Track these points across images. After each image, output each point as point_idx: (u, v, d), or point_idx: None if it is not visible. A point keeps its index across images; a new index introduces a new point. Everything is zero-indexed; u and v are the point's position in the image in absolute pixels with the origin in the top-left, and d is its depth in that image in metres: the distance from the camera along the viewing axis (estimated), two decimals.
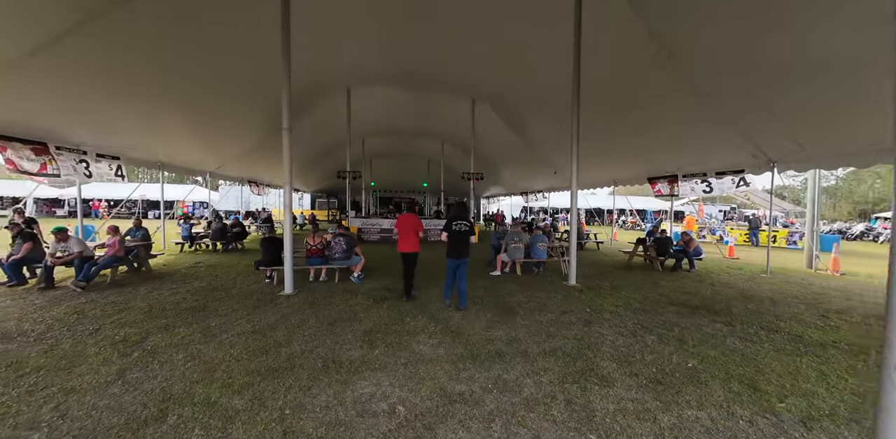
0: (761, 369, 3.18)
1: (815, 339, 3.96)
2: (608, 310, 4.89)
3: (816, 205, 9.42)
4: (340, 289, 5.64)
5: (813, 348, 3.70)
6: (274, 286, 5.75)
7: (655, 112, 8.04)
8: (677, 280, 7.16)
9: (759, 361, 3.35)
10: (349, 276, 6.19)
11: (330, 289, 5.63)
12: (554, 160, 14.21)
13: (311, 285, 5.89)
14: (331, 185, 26.15)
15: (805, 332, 4.19)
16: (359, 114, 13.52)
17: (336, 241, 6.01)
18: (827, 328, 4.37)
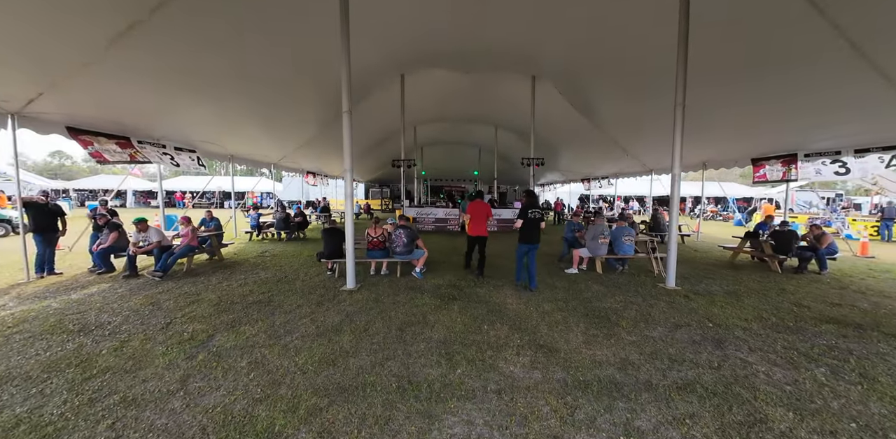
0: None
1: None
2: (736, 324, 3.85)
3: None
4: (404, 285, 5.19)
5: None
6: (335, 279, 5.48)
7: (782, 78, 6.39)
8: (808, 285, 5.72)
9: None
10: (411, 271, 5.74)
11: (393, 285, 5.21)
12: (623, 140, 12.62)
13: (372, 279, 5.53)
14: (383, 175, 26.39)
15: None
16: (411, 102, 13.01)
17: (397, 234, 5.56)
18: None
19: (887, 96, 5.76)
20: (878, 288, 5.64)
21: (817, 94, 6.48)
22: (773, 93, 6.97)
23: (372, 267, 5.87)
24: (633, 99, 9.57)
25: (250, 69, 6.75)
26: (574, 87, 10.77)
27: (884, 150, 6.78)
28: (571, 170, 18.49)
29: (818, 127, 7.42)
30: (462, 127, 18.60)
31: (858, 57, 5.29)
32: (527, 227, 4.99)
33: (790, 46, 5.70)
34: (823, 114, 6.98)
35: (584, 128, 12.87)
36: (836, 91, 6.14)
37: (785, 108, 7.24)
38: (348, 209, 5.04)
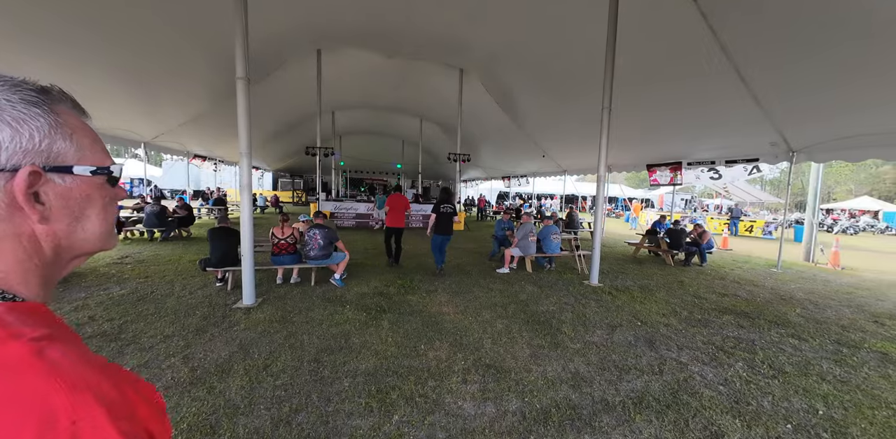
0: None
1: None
2: (659, 321, 4.01)
3: (818, 197, 9.20)
4: (320, 297, 4.32)
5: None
6: (228, 293, 4.32)
7: (677, 90, 7.19)
8: (697, 277, 6.53)
9: (887, 399, 2.58)
10: (329, 278, 4.87)
11: (306, 297, 4.30)
12: (542, 141, 13.29)
13: (278, 290, 4.51)
14: (295, 164, 23.72)
15: (886, 348, 3.55)
16: (330, 83, 11.64)
17: (312, 234, 4.63)
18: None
19: (753, 115, 6.84)
20: (747, 277, 6.71)
21: (703, 109, 7.45)
22: (669, 105, 7.85)
23: (279, 274, 4.82)
24: (555, 100, 9.96)
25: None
26: (500, 84, 10.80)
27: (747, 162, 8.16)
28: (494, 167, 18.98)
29: (700, 138, 8.63)
30: (385, 116, 17.59)
31: (739, 80, 6.13)
32: (439, 221, 5.68)
33: (687, 63, 6.38)
34: (706, 127, 8.09)
35: (508, 127, 13.15)
36: (718, 106, 7.09)
37: (678, 120, 8.23)
38: (245, 203, 3.94)
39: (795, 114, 6.52)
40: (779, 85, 5.98)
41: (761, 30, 5.07)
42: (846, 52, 4.83)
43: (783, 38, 5.06)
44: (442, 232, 5.66)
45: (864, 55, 4.72)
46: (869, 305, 5.15)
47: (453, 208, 5.72)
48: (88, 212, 0.40)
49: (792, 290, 5.83)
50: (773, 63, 5.58)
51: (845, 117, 6.06)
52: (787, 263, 8.40)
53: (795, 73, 5.57)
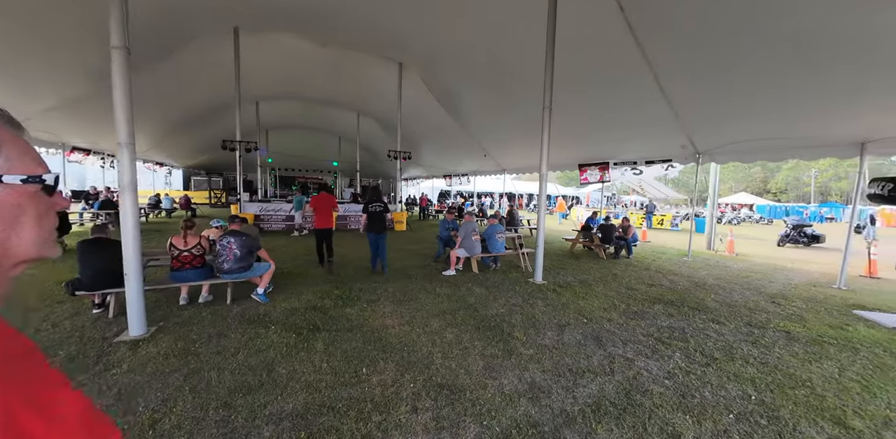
0: (816, 390, 2.65)
1: (804, 335, 3.78)
2: (602, 316, 4.10)
3: (716, 193, 10.57)
4: (238, 318, 3.64)
5: (814, 347, 3.43)
6: (109, 323, 3.42)
7: (611, 95, 7.66)
8: (626, 269, 7.00)
9: (801, 377, 2.85)
10: (251, 293, 4.16)
11: (219, 319, 3.58)
12: (484, 141, 13.45)
13: (183, 314, 3.70)
14: (212, 160, 21.06)
15: (788, 327, 4.03)
16: (252, 70, 10.39)
17: (225, 243, 3.89)
18: (795, 318, 4.34)
19: (669, 121, 7.54)
20: (666, 267, 7.37)
21: (629, 113, 8.04)
22: (599, 109, 8.36)
23: (182, 293, 3.97)
24: (495, 101, 10.04)
25: None
26: (440, 81, 10.60)
27: (662, 162, 9.02)
28: (435, 165, 18.81)
29: (625, 140, 9.34)
30: (319, 110, 16.35)
31: (658, 89, 6.67)
32: (371, 220, 5.68)
33: (616, 70, 6.80)
34: (630, 130, 8.76)
35: (450, 126, 13.02)
36: (641, 112, 7.69)
37: (607, 123, 8.81)
38: (128, 207, 3.10)
39: (701, 121, 7.32)
40: (689, 94, 6.64)
41: (678, 43, 5.53)
42: (743, 68, 5.49)
43: (695, 52, 5.58)
44: (375, 230, 5.66)
45: (758, 70, 5.38)
46: (764, 287, 5.93)
47: (383, 206, 5.78)
48: (22, 219, 0.42)
49: (703, 277, 6.50)
50: (685, 73, 6.15)
51: (739, 124, 6.93)
52: (695, 252, 9.49)
53: (703, 84, 6.21)
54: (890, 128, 5.44)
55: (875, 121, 5.46)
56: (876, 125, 5.52)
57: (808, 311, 4.65)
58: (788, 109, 6.03)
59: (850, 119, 5.69)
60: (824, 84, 5.15)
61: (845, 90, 5.10)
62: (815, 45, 4.58)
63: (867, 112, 5.39)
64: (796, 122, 6.24)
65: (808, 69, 5.02)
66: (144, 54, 7.66)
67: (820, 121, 6.02)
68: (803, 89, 5.44)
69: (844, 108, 5.52)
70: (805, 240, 12.39)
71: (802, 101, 5.71)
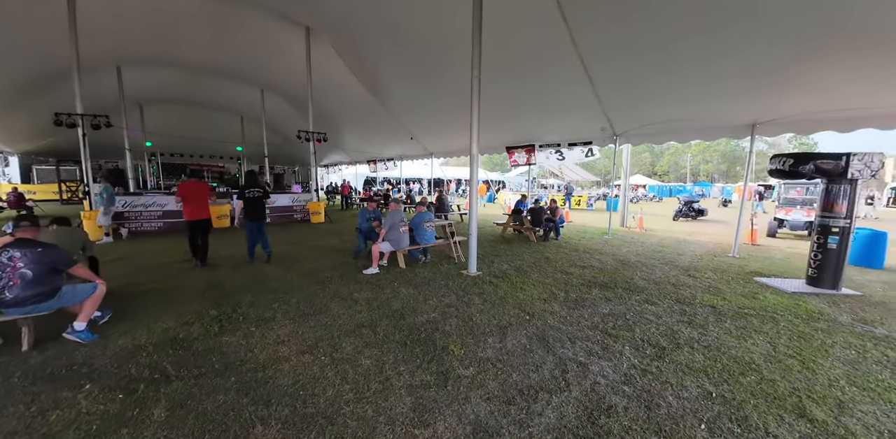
0: (764, 375, 2.51)
1: (729, 309, 3.84)
2: (543, 309, 3.69)
3: (627, 174, 11.28)
4: (31, 375, 2.33)
5: (740, 322, 3.47)
6: None
7: (539, 76, 7.33)
8: (558, 251, 6.91)
9: (744, 359, 2.73)
10: (65, 331, 2.79)
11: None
12: (410, 123, 12.50)
13: None
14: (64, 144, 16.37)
15: (711, 301, 4.09)
16: (99, 20, 7.87)
17: (4, 260, 2.47)
18: (713, 291, 4.49)
19: (591, 103, 7.51)
20: (591, 246, 7.49)
21: (554, 95, 7.85)
22: (526, 89, 8.02)
23: None
24: (420, 78, 9.14)
25: None
26: (356, 51, 9.27)
27: (584, 144, 9.17)
28: (358, 149, 17.28)
29: (549, 122, 9.27)
30: (210, 83, 13.51)
31: (582, 68, 6.48)
32: (249, 206, 5.41)
33: (544, 49, 6.42)
34: (555, 111, 8.65)
35: (372, 106, 11.76)
36: (566, 93, 7.53)
37: (534, 103, 8.55)
38: None
39: (620, 104, 7.41)
40: (611, 77, 6.59)
41: (603, 24, 5.28)
42: (654, 57, 5.52)
43: (619, 37, 5.42)
44: (254, 217, 5.45)
45: (675, 55, 5.42)
46: (676, 260, 6.26)
47: (262, 191, 5.54)
48: None
49: (626, 254, 6.69)
50: (608, 57, 6.02)
51: (652, 107, 7.15)
52: (613, 230, 10.04)
53: (624, 67, 6.16)
54: (776, 111, 5.96)
55: (764, 104, 5.94)
56: (765, 108, 6.02)
57: (720, 282, 4.89)
58: (692, 93, 6.31)
59: (743, 102, 6.13)
60: (722, 69, 5.40)
61: (737, 75, 5.42)
62: (719, 35, 4.69)
63: (757, 96, 5.83)
64: (697, 105, 6.60)
65: (710, 56, 5.20)
66: None
67: (717, 105, 6.44)
68: (706, 74, 5.67)
69: (737, 93, 5.92)
70: (693, 214, 14.18)
71: (704, 85, 5.99)
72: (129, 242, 7.32)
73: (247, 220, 5.45)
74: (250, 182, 5.66)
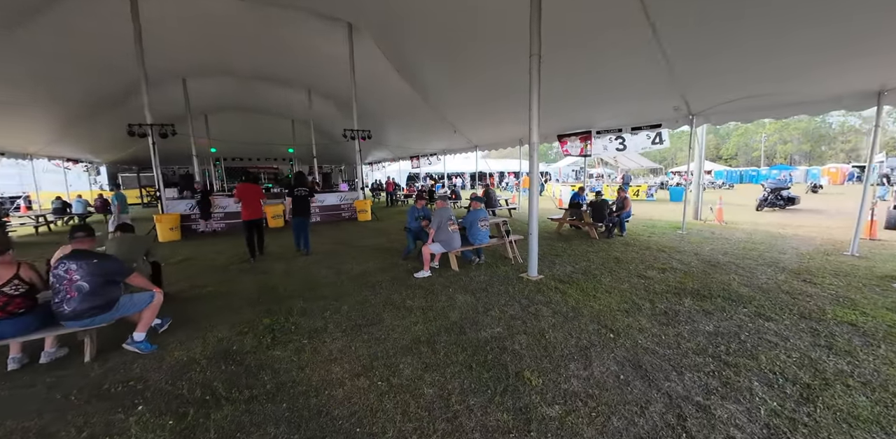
0: None
1: (876, 329, 2.97)
2: (629, 325, 3.10)
3: (702, 159, 9.92)
4: (90, 390, 2.28)
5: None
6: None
7: (597, 53, 6.49)
8: (627, 250, 6.12)
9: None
10: (125, 341, 2.77)
11: (52, 398, 2.21)
12: (453, 116, 12.04)
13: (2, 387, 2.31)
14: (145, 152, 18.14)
15: (849, 317, 3.22)
16: (163, 37, 8.33)
17: (61, 273, 2.45)
18: (845, 302, 3.57)
19: (661, 80, 6.52)
20: (665, 243, 6.58)
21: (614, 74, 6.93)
22: (580, 70, 7.17)
23: (12, 353, 2.53)
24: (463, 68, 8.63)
25: None
26: (399, 46, 8.97)
27: (650, 128, 8.11)
28: (401, 146, 17.21)
29: (607, 103, 8.28)
30: (263, 89, 14.10)
31: (653, 38, 5.56)
32: (296, 204, 5.99)
33: (605, 19, 5.60)
34: (614, 93, 7.68)
35: (414, 100, 11.48)
36: (628, 69, 6.60)
37: (589, 86, 7.67)
38: None
39: (698, 78, 6.35)
40: (689, 47, 5.61)
41: None
42: (751, 21, 4.53)
43: None
44: (300, 214, 6.02)
45: (765, 23, 4.41)
46: (779, 261, 5.22)
47: (307, 190, 6.12)
48: None
49: (711, 254, 5.74)
50: (687, 24, 5.09)
51: (741, 80, 6.01)
52: (687, 224, 8.86)
53: (706, 35, 5.19)
54: None
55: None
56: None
57: (850, 290, 3.92)
58: (799, 62, 5.15)
59: (866, 68, 4.89)
60: (838, 32, 4.28)
61: (861, 37, 4.26)
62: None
63: (886, 63, 4.59)
64: (802, 75, 5.41)
65: (821, 16, 4.11)
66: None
67: (831, 72, 5.21)
68: (822, 36, 4.53)
69: (862, 56, 4.69)
70: (781, 203, 12.26)
71: (811, 50, 4.83)
72: (195, 242, 7.73)
73: (294, 216, 6.02)
74: (298, 182, 6.31)
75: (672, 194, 16.73)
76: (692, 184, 10.36)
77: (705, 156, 10.32)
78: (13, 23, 6.46)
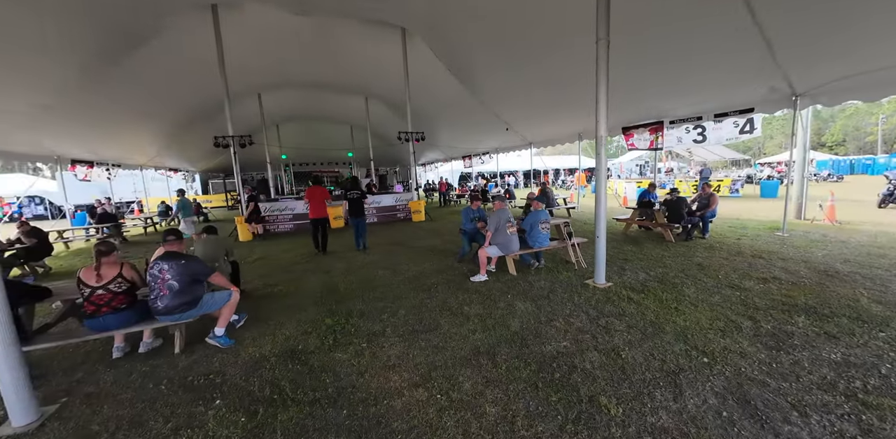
0: None
1: None
2: (726, 348, 2.62)
3: (806, 147, 8.40)
4: (177, 381, 2.48)
5: None
6: None
7: (666, 34, 5.78)
8: (712, 255, 5.34)
9: None
10: (207, 335, 3.01)
11: (147, 387, 2.44)
12: (504, 111, 11.67)
13: (102, 377, 2.58)
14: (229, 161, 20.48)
15: None
16: (244, 56, 9.20)
17: (156, 273, 2.72)
18: None
19: (754, 57, 5.59)
20: (762, 247, 5.63)
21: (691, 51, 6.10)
22: (652, 53, 6.45)
23: (116, 342, 2.89)
24: (516, 60, 8.29)
25: None
26: (450, 44, 8.90)
27: (739, 114, 7.03)
28: (453, 146, 17.21)
29: (684, 90, 7.36)
30: (324, 98, 15.04)
31: (748, 13, 4.76)
32: (351, 205, 6.74)
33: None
34: (692, 74, 6.81)
35: (464, 100, 11.37)
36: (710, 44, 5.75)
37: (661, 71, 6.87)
38: None
39: (807, 52, 5.33)
40: (794, 20, 4.72)
41: None
42: None
43: None
44: (355, 215, 6.70)
45: None
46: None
47: (360, 193, 6.83)
48: None
49: (825, 261, 4.78)
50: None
51: (863, 52, 4.93)
52: (788, 224, 7.56)
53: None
54: None
55: None
56: None
57: None
58: None
59: None
60: None
61: None
62: None
63: None
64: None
65: None
66: (115, 47, 6.74)
67: None
68: None
69: None
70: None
71: None
72: (267, 242, 8.41)
73: (350, 216, 6.77)
74: (352, 185, 7.12)
75: (764, 189, 14.53)
76: (794, 177, 8.82)
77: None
78: (122, 55, 7.56)
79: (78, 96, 7.80)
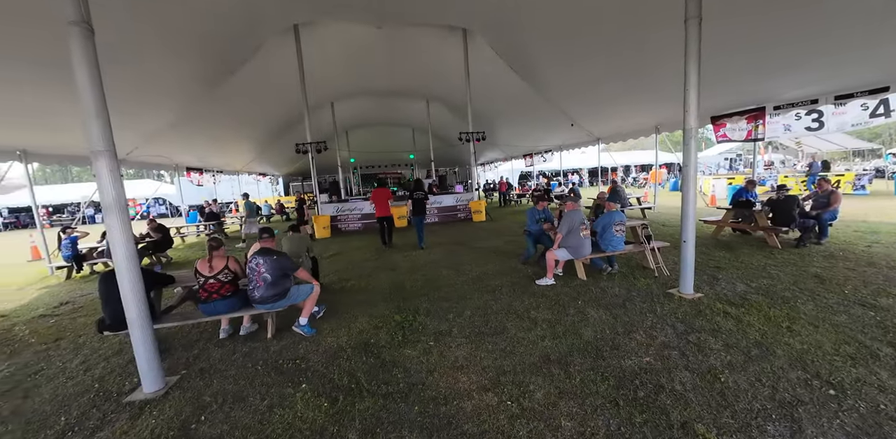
0: None
1: None
2: (856, 377, 2.16)
3: None
4: (270, 364, 2.78)
5: None
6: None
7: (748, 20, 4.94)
8: (834, 266, 4.45)
9: None
10: (293, 324, 3.32)
11: (247, 367, 2.76)
12: (569, 106, 11.06)
13: (214, 354, 2.99)
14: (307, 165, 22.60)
15: None
16: (319, 69, 10.05)
17: (253, 266, 3.08)
18: None
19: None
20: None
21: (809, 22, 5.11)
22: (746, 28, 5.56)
23: (223, 324, 3.33)
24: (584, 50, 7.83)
25: None
26: (512, 41, 8.72)
27: (870, 94, 5.77)
28: (513, 144, 16.86)
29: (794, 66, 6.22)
30: (389, 103, 15.82)
31: None
32: (415, 205, 7.21)
33: None
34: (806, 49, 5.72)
35: (525, 96, 11.05)
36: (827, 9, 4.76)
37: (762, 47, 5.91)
38: (117, 233, 2.41)
39: None
40: None
41: None
42: None
43: None
44: (417, 214, 7.22)
45: None
46: None
47: (424, 194, 7.35)
48: None
49: None
50: None
51: None
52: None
53: None
54: None
55: None
56: None
57: None
58: None
59: None
60: None
61: None
62: None
63: None
64: None
65: None
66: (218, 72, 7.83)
67: None
68: None
69: None
70: None
71: None
72: (341, 239, 9.06)
73: (413, 215, 7.25)
74: (416, 187, 7.53)
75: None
76: None
77: None
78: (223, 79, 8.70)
79: (193, 113, 9.16)
